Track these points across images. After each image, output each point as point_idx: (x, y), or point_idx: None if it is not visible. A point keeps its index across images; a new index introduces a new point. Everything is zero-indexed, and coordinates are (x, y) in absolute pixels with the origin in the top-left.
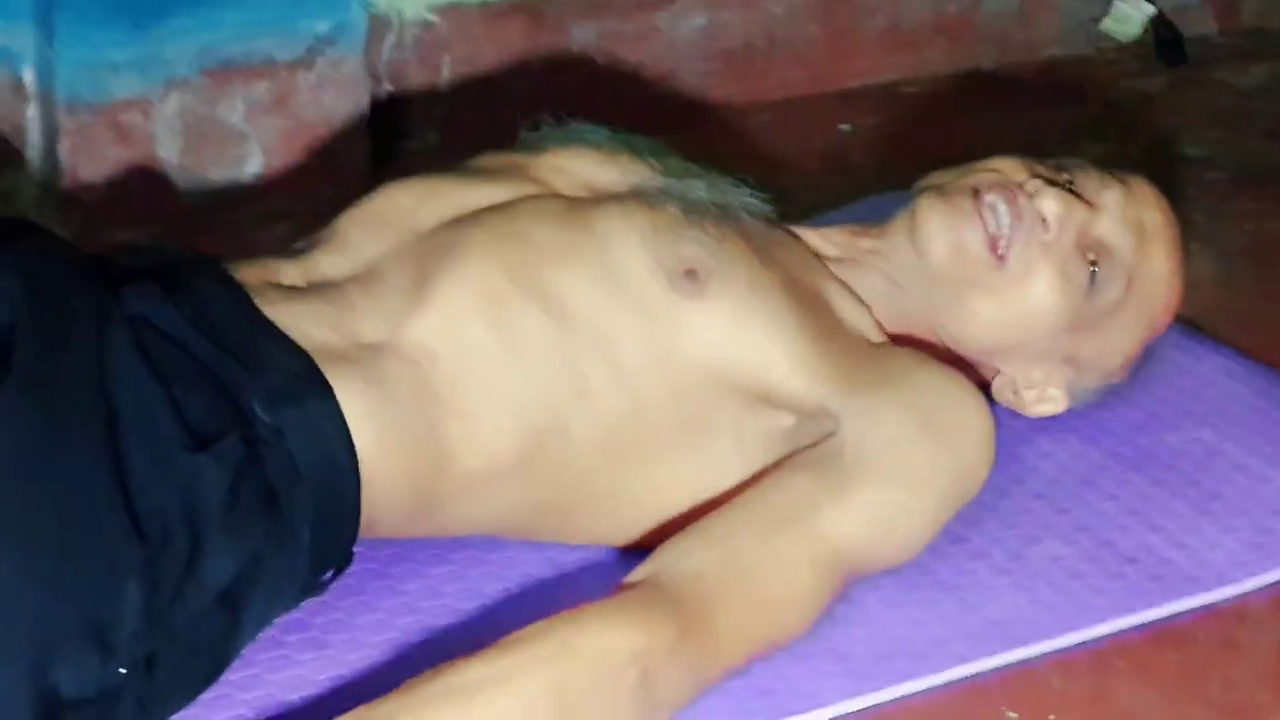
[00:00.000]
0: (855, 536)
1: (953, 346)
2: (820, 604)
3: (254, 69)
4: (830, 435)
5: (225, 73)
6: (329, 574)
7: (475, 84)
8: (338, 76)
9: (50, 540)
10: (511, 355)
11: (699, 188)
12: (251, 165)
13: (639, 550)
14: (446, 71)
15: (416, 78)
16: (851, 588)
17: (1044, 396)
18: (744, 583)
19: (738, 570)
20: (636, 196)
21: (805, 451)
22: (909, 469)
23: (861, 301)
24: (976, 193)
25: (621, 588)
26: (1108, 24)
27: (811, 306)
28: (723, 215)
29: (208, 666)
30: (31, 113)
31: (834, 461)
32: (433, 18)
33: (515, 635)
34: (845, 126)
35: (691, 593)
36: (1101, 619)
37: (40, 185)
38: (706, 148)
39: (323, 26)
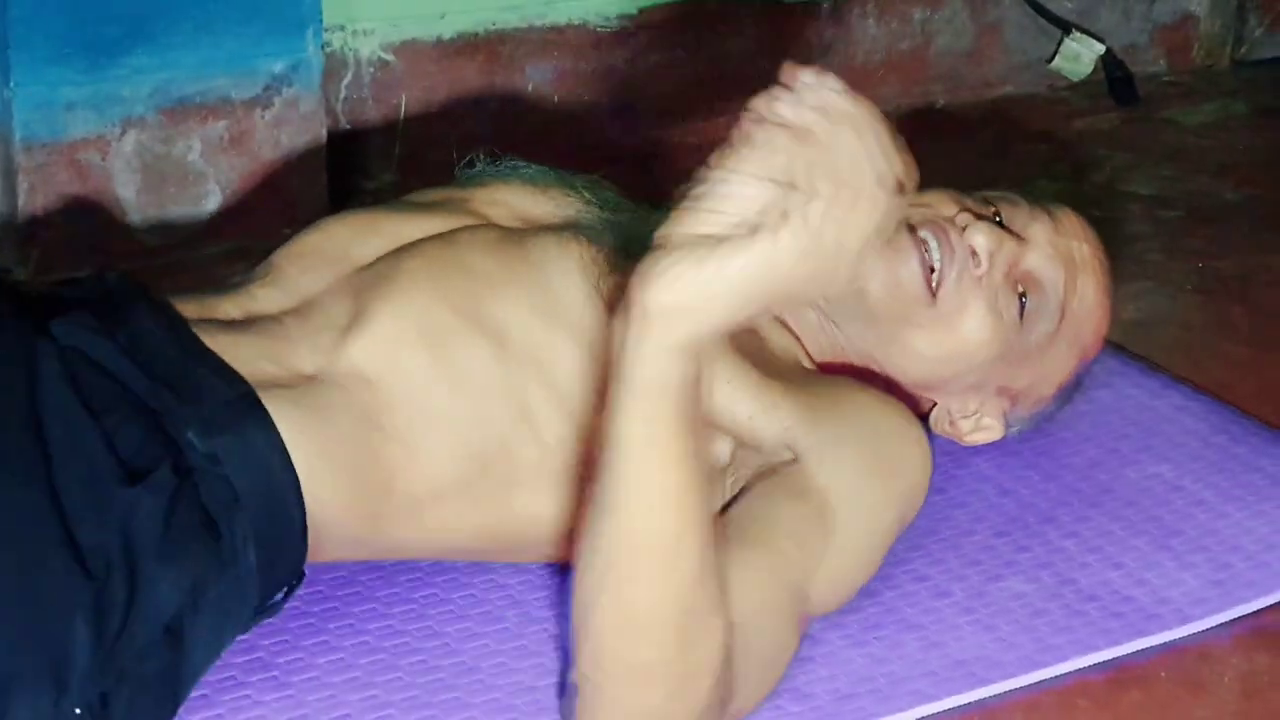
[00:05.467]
0: (824, 591)
1: (888, 377)
2: (792, 657)
3: (211, 108)
4: (791, 462)
5: (182, 111)
6: (281, 594)
7: (432, 122)
8: (294, 115)
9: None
10: (450, 382)
11: (631, 220)
12: (209, 203)
13: None
14: (403, 110)
15: (373, 116)
16: (813, 626)
17: (979, 425)
18: (761, 639)
19: (760, 628)
20: (570, 227)
21: (779, 483)
22: (867, 514)
23: (791, 332)
24: (911, 227)
25: None
26: (1058, 63)
27: (741, 335)
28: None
29: (161, 699)
30: None
31: (816, 506)
32: (389, 56)
33: None
34: None
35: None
36: (1064, 657)
37: None
38: (662, 185)
39: (279, 66)
